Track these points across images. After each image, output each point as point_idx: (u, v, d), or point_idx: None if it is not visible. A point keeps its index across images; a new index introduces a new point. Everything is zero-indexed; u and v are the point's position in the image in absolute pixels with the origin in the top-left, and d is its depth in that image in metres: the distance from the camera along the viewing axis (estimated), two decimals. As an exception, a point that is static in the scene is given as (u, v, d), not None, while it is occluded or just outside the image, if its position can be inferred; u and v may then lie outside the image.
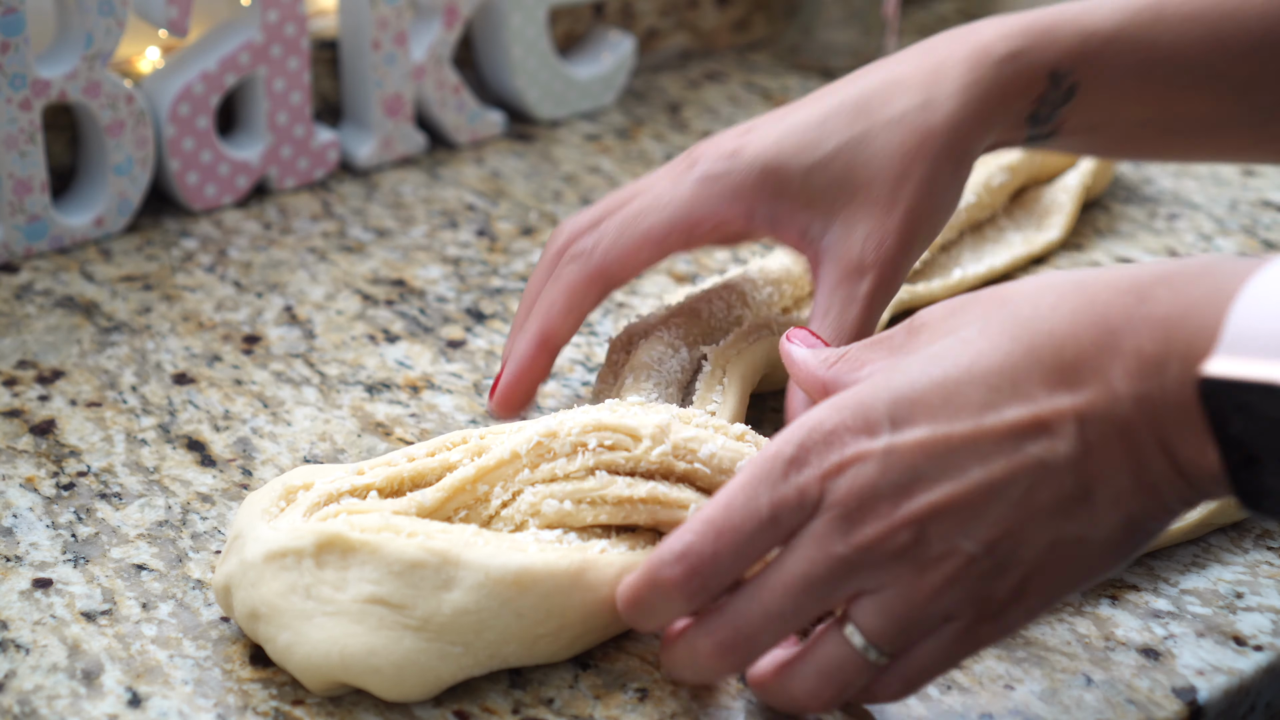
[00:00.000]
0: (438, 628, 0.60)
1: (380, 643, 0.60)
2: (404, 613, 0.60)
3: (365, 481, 0.64)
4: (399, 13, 1.00)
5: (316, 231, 0.96)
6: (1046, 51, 0.72)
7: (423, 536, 0.61)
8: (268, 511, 0.63)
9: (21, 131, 0.89)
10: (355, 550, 0.60)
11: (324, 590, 0.60)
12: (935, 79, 0.71)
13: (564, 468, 0.63)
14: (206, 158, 0.96)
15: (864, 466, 0.55)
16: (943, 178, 0.71)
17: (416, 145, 1.04)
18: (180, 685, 0.62)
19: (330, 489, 0.63)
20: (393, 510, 0.62)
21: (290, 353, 0.84)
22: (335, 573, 0.60)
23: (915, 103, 0.70)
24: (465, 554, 0.60)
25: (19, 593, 0.66)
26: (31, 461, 0.75)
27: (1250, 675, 0.65)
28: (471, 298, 0.89)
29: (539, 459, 0.63)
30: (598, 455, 0.63)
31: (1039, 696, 0.63)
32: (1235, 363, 0.50)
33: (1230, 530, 0.72)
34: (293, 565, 0.60)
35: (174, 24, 0.92)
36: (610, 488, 0.63)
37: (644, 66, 1.18)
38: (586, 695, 0.62)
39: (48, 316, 0.86)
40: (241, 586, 0.61)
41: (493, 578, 0.60)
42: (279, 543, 0.61)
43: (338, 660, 0.60)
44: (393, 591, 0.60)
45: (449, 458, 0.65)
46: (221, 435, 0.77)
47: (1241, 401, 0.50)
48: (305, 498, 0.63)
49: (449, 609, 0.60)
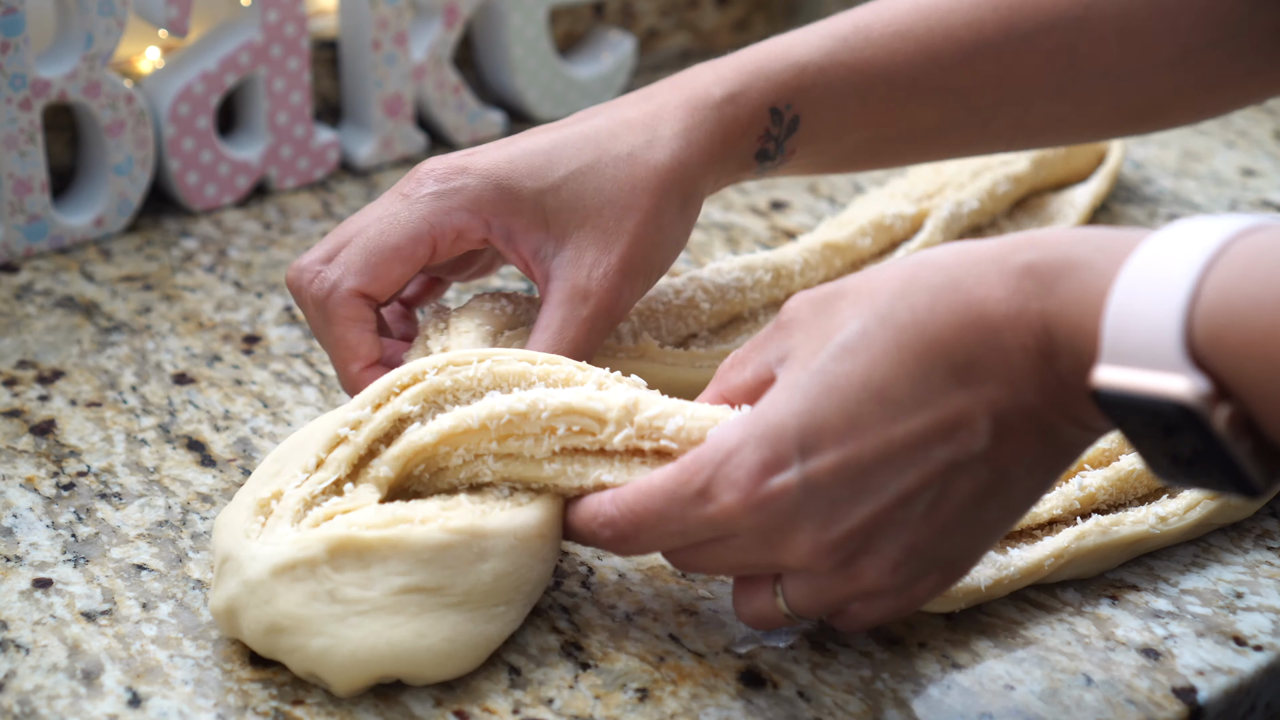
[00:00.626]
0: (482, 595, 0.62)
1: (425, 625, 0.61)
2: (443, 593, 0.61)
3: (333, 476, 0.64)
4: (399, 13, 1.00)
5: (316, 231, 0.96)
6: (764, 90, 0.74)
7: (441, 519, 0.62)
8: (249, 530, 0.62)
9: (21, 131, 0.89)
10: (373, 549, 0.60)
11: (349, 591, 0.60)
12: (656, 122, 0.73)
13: (530, 449, 0.64)
14: (206, 158, 0.96)
15: (781, 500, 0.57)
16: (668, 214, 0.73)
17: (416, 145, 1.04)
18: (180, 685, 0.62)
19: (304, 494, 0.63)
20: (377, 500, 0.63)
21: (290, 353, 0.84)
22: (357, 573, 0.60)
23: (640, 141, 0.72)
24: (486, 524, 0.62)
25: (19, 593, 0.66)
26: (31, 461, 0.75)
27: (1250, 675, 0.65)
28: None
29: (507, 434, 0.64)
30: (564, 440, 0.64)
31: (1039, 696, 0.63)
32: (1121, 373, 0.52)
33: (1230, 530, 0.72)
34: (306, 575, 0.60)
35: (174, 24, 0.92)
36: (560, 479, 0.64)
37: (644, 66, 1.18)
38: (586, 695, 0.62)
39: (48, 316, 0.86)
40: (251, 606, 0.61)
41: (520, 536, 0.63)
42: (284, 556, 0.61)
43: (387, 650, 0.60)
44: (426, 577, 0.61)
45: (399, 408, 0.65)
46: (221, 435, 0.77)
47: (1135, 403, 0.51)
48: (283, 508, 0.63)
49: (490, 576, 0.62)
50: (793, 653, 0.65)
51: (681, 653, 0.65)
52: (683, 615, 0.67)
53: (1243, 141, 1.10)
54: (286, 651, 0.61)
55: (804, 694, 0.63)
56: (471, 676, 0.63)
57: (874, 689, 0.63)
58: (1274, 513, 0.73)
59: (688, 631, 0.66)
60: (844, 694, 0.63)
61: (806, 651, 0.65)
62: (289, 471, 0.64)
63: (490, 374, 0.65)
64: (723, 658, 0.65)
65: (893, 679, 0.64)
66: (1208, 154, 1.08)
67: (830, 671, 0.64)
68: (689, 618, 0.67)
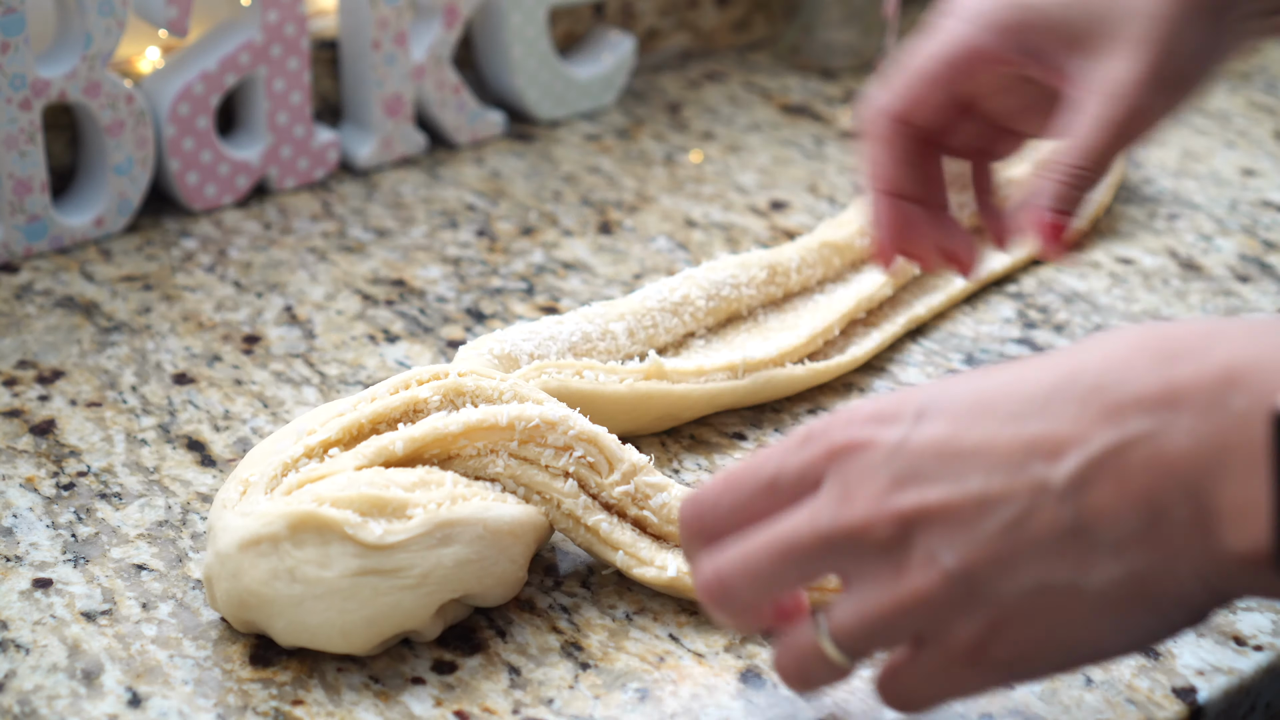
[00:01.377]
0: (439, 580, 0.62)
1: (378, 611, 0.61)
2: (400, 575, 0.61)
3: (319, 439, 0.64)
4: (399, 13, 1.00)
5: (316, 231, 0.96)
6: None
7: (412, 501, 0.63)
8: (228, 500, 0.64)
9: (21, 131, 0.89)
10: (332, 527, 0.61)
11: (308, 571, 0.61)
12: None
13: (549, 459, 0.66)
14: (206, 158, 0.96)
15: (870, 453, 0.54)
16: (1196, 25, 0.69)
17: (416, 145, 1.04)
18: (180, 685, 0.62)
19: (284, 458, 0.64)
20: (355, 466, 0.63)
21: (290, 353, 0.84)
22: (317, 550, 0.61)
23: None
24: (455, 513, 0.63)
25: (19, 593, 0.66)
26: (31, 461, 0.75)
27: (1250, 675, 0.65)
28: (471, 298, 0.89)
29: (529, 438, 0.65)
30: (577, 465, 0.66)
31: (1039, 696, 0.63)
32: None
33: (1230, 530, 0.72)
34: (269, 550, 0.61)
35: (174, 24, 0.92)
36: (568, 500, 0.66)
37: (644, 66, 1.18)
38: (586, 695, 0.62)
39: (48, 316, 0.86)
40: (222, 578, 0.62)
41: (490, 527, 0.63)
42: (250, 530, 0.61)
43: (340, 638, 0.61)
44: (382, 561, 0.61)
45: (417, 394, 0.66)
46: (221, 435, 0.77)
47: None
48: (259, 474, 0.64)
49: (451, 561, 0.62)
50: (793, 653, 0.65)
51: (681, 653, 0.65)
52: (683, 615, 0.67)
53: (1243, 141, 1.10)
54: (257, 628, 0.63)
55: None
56: (472, 676, 0.63)
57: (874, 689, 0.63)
58: (1274, 513, 0.73)
59: (688, 631, 0.66)
60: (844, 694, 0.63)
61: (806, 651, 0.65)
62: (283, 444, 0.65)
63: (513, 390, 0.67)
64: (723, 658, 0.65)
65: (893, 679, 0.64)
66: (1207, 154, 1.08)
67: (830, 671, 0.64)
68: (689, 618, 0.67)
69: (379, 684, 0.62)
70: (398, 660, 0.64)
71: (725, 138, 1.09)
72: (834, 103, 1.14)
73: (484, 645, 0.65)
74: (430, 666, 0.64)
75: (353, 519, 0.61)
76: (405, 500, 0.62)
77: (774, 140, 1.09)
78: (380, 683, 0.62)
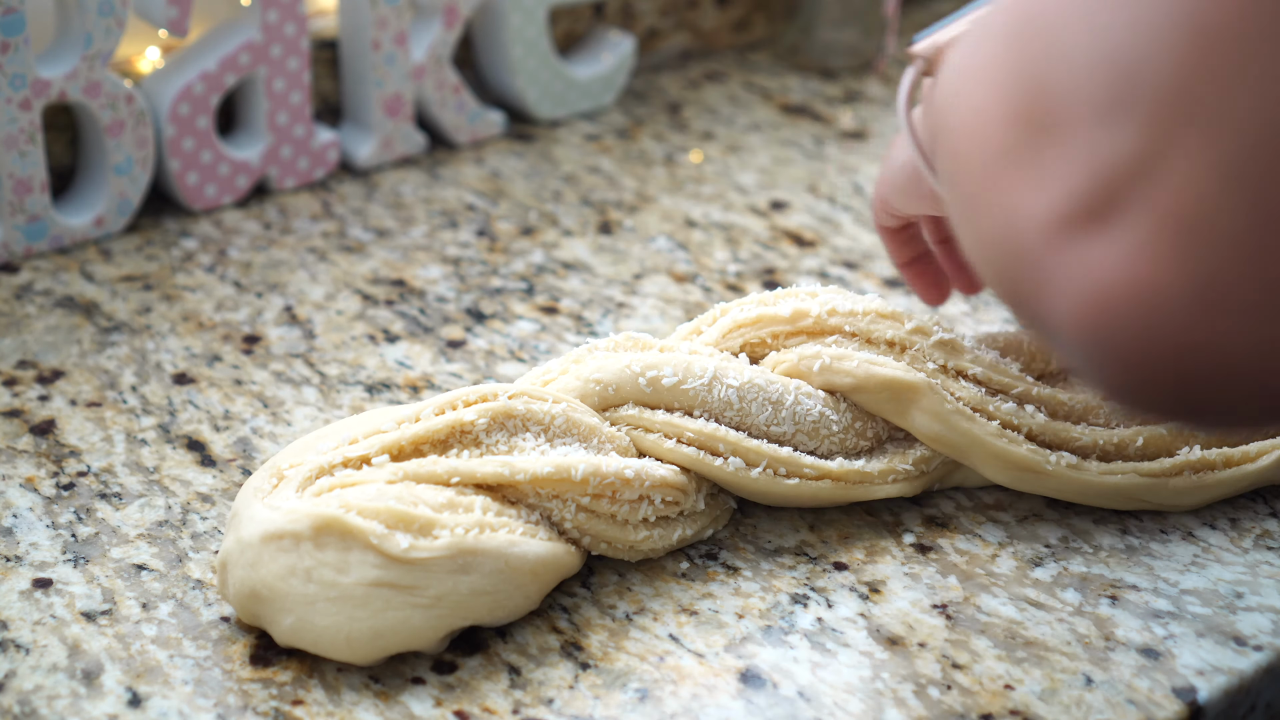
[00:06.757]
0: (452, 605, 0.62)
1: (387, 624, 0.61)
2: (414, 593, 0.61)
3: (359, 452, 0.64)
4: (399, 13, 1.00)
5: (316, 231, 0.96)
6: None
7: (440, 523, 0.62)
8: (260, 489, 0.64)
9: (21, 131, 0.89)
10: (356, 535, 0.61)
11: (325, 573, 0.61)
12: None
13: (623, 514, 0.67)
14: (206, 158, 0.96)
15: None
16: None
17: (416, 145, 1.04)
18: (180, 685, 0.62)
19: (322, 462, 0.64)
20: (388, 480, 0.63)
21: (290, 353, 0.84)
22: (336, 554, 0.61)
23: None
24: (481, 543, 0.62)
25: (19, 593, 0.66)
26: (31, 461, 0.75)
27: (1250, 675, 0.65)
28: (471, 298, 0.89)
29: (601, 492, 0.66)
30: (658, 511, 0.67)
31: (1039, 696, 0.63)
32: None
33: (1230, 530, 0.72)
34: (291, 548, 0.61)
35: (174, 24, 0.92)
36: (648, 544, 0.68)
37: (644, 66, 1.18)
38: (586, 695, 0.62)
39: (48, 316, 0.86)
40: (239, 565, 0.62)
41: (511, 564, 0.63)
42: (276, 524, 0.61)
43: (344, 645, 0.61)
44: (402, 575, 0.61)
45: (462, 417, 0.65)
46: (221, 435, 0.77)
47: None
48: (296, 472, 0.64)
49: (466, 589, 0.62)
50: (793, 653, 0.65)
51: (681, 653, 0.65)
52: (683, 615, 0.67)
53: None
54: (264, 621, 0.62)
55: (804, 694, 0.63)
56: (472, 676, 0.63)
57: (874, 689, 0.63)
58: (1274, 513, 0.73)
59: (688, 631, 0.66)
60: (844, 694, 0.63)
61: (806, 651, 0.65)
62: (325, 445, 0.65)
63: (565, 416, 0.67)
64: (723, 658, 0.65)
65: (893, 679, 0.64)
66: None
67: (830, 671, 0.64)
68: (689, 618, 0.67)
69: (379, 684, 0.62)
70: (398, 660, 0.64)
71: (725, 138, 1.09)
72: (834, 103, 1.14)
73: (484, 645, 0.65)
74: (430, 666, 0.64)
75: (378, 529, 0.61)
76: (433, 520, 0.62)
77: (774, 140, 1.09)
78: (380, 683, 0.62)
